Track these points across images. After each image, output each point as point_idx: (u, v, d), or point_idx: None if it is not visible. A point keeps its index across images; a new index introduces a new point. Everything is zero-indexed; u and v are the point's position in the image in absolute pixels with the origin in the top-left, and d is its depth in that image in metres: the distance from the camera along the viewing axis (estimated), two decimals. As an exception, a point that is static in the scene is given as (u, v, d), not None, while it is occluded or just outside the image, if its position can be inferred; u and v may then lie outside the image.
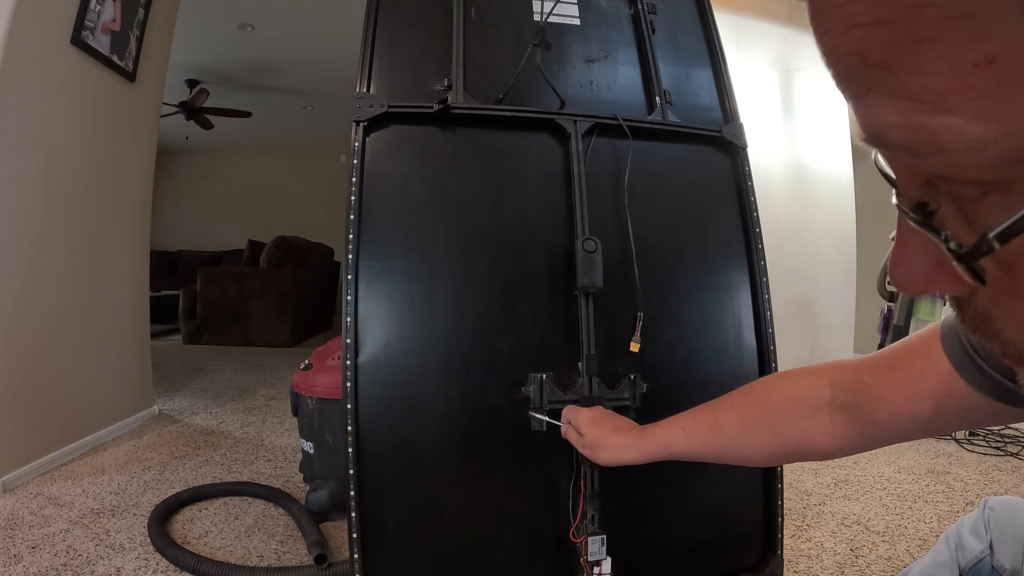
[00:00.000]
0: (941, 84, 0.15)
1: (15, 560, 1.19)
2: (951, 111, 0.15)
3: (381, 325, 0.89)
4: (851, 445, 0.54)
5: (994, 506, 0.60)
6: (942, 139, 0.16)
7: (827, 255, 2.82)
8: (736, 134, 1.09)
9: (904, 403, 0.47)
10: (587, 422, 0.78)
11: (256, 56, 4.39)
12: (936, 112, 0.16)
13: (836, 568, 1.21)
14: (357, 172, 0.91)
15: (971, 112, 0.15)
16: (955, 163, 0.16)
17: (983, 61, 0.14)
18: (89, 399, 1.98)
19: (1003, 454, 1.98)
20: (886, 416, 0.49)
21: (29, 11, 1.62)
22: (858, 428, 0.52)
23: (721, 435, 0.63)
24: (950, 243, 0.18)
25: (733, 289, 1.04)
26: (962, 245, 0.18)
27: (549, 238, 0.96)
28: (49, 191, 1.79)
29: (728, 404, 0.64)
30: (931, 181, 0.19)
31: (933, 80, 0.15)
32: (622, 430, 0.75)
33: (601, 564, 0.84)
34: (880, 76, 0.16)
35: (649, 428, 0.71)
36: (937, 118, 0.16)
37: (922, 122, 0.16)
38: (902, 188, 0.20)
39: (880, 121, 0.17)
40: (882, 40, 0.16)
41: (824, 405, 0.55)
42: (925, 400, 0.45)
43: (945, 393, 0.44)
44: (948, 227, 0.19)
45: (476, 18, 1.04)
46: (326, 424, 1.43)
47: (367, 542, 0.84)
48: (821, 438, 0.55)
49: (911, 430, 0.49)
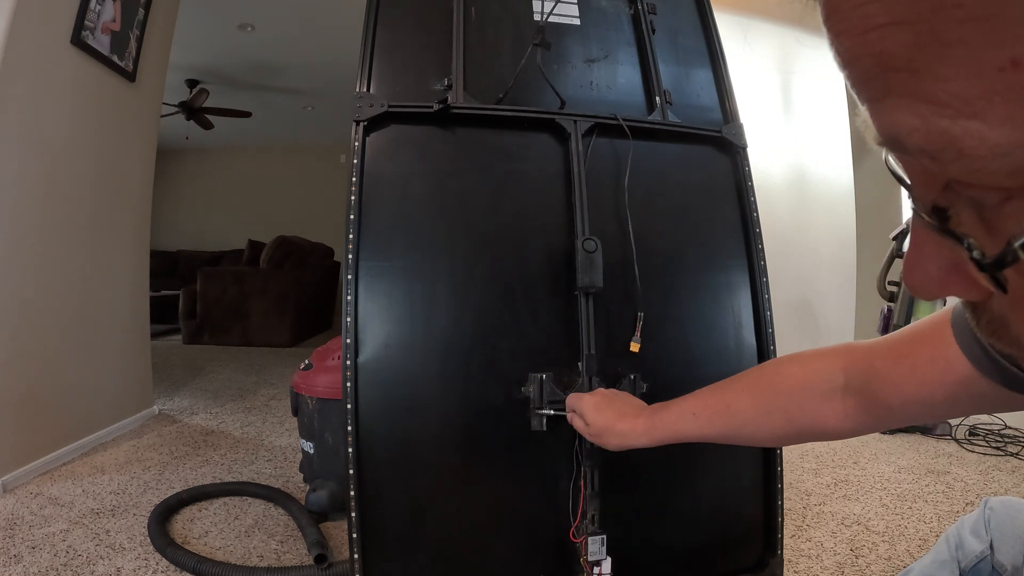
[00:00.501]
0: (965, 88, 0.15)
1: (15, 560, 1.19)
2: (975, 115, 0.15)
3: (381, 325, 0.89)
4: (862, 427, 0.55)
5: (994, 506, 0.60)
6: (965, 144, 0.15)
7: (827, 255, 2.82)
8: (736, 134, 1.09)
9: (915, 389, 0.47)
10: (591, 409, 0.76)
11: (256, 56, 4.39)
12: (959, 116, 0.15)
13: (836, 568, 1.21)
14: (357, 172, 0.91)
15: (996, 117, 0.15)
16: (978, 169, 0.16)
17: (1008, 64, 0.14)
18: (89, 399, 1.98)
19: (1003, 454, 1.98)
20: (897, 401, 0.50)
21: (29, 11, 1.62)
22: (870, 411, 0.53)
23: (733, 420, 0.63)
24: (973, 251, 0.18)
25: (733, 289, 1.04)
26: (986, 254, 0.17)
27: (549, 238, 0.96)
28: (49, 191, 1.79)
29: (739, 389, 0.64)
30: (949, 185, 0.18)
31: (957, 84, 0.15)
32: (628, 414, 0.73)
33: (601, 564, 0.84)
34: (900, 79, 0.16)
35: (658, 413, 0.70)
36: (960, 123, 0.15)
37: (944, 127, 0.16)
38: (917, 192, 0.20)
39: (900, 126, 0.17)
40: (903, 42, 0.15)
41: (837, 389, 0.55)
42: (935, 387, 0.46)
43: (955, 380, 0.44)
44: (968, 233, 0.18)
45: (476, 18, 1.04)
46: (326, 424, 1.43)
47: (367, 542, 0.84)
48: (834, 421, 0.55)
49: (921, 414, 0.51)
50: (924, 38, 0.15)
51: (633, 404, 0.77)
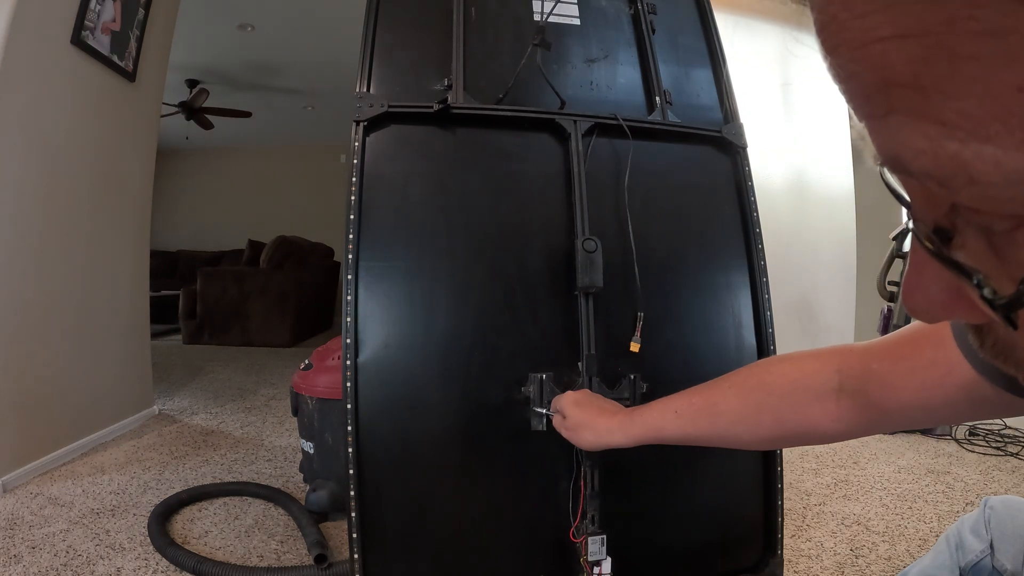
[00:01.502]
0: (979, 108, 0.13)
1: (15, 560, 1.19)
2: (988, 139, 0.13)
3: (381, 325, 0.89)
4: (857, 430, 0.53)
5: (995, 506, 0.60)
6: (977, 169, 0.14)
7: (827, 255, 2.82)
8: (736, 134, 1.09)
9: (914, 392, 0.46)
10: (570, 404, 0.76)
11: (256, 56, 4.39)
12: (972, 139, 0.14)
13: (836, 568, 1.21)
14: (357, 172, 0.91)
15: (1012, 141, 0.13)
16: (991, 197, 0.15)
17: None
18: (89, 399, 1.98)
19: (1003, 454, 1.98)
20: (895, 405, 0.48)
21: (29, 11, 1.61)
22: (865, 414, 0.51)
23: (719, 420, 0.61)
24: (984, 289, 0.16)
25: (733, 289, 1.04)
26: (997, 292, 0.16)
27: (549, 238, 0.96)
28: (49, 191, 1.78)
29: (726, 387, 0.62)
30: (955, 208, 0.17)
31: (970, 104, 0.13)
32: (608, 412, 0.72)
33: (601, 564, 0.84)
34: (905, 96, 0.14)
35: (638, 410, 0.69)
36: (972, 146, 0.14)
37: (954, 150, 0.14)
38: (919, 212, 0.18)
39: (903, 148, 0.15)
40: (909, 56, 0.14)
41: (831, 391, 0.53)
42: (935, 390, 0.44)
43: (956, 383, 0.42)
44: (976, 262, 0.17)
45: (476, 18, 1.04)
46: (326, 424, 1.43)
47: (367, 542, 0.84)
48: (826, 423, 0.53)
49: (920, 418, 0.49)
50: (933, 52, 0.13)
51: (614, 404, 0.76)
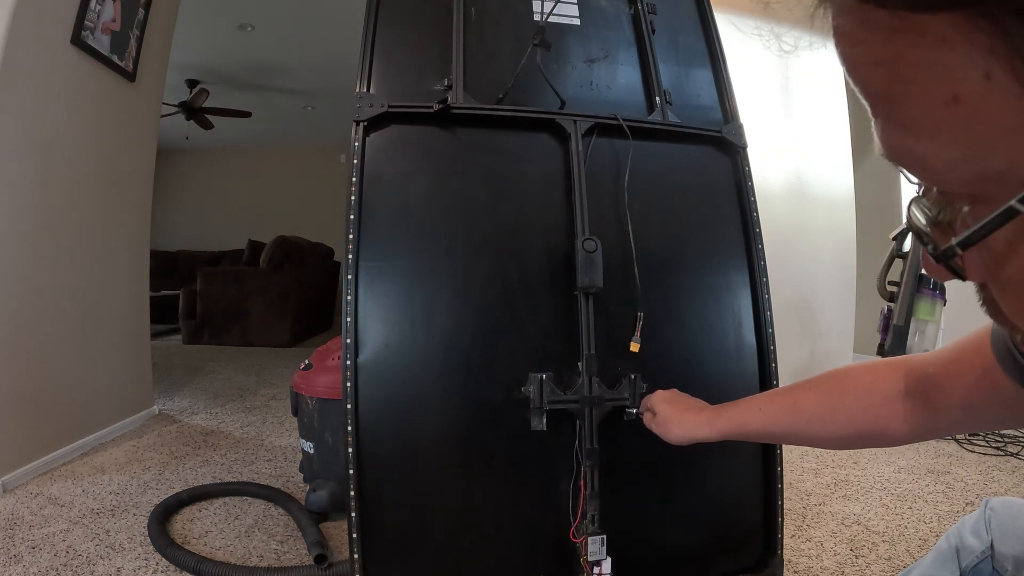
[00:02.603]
0: (922, 116, 0.19)
1: (15, 560, 1.19)
2: (931, 138, 0.19)
3: (381, 325, 0.89)
4: (920, 432, 0.56)
5: (995, 506, 0.60)
6: (927, 160, 0.20)
7: (827, 255, 2.81)
8: (736, 134, 1.09)
9: (959, 394, 0.50)
10: (660, 401, 0.82)
11: (256, 56, 4.38)
12: (922, 138, 0.20)
13: (836, 568, 1.21)
14: (357, 172, 0.91)
15: (946, 140, 0.19)
16: (941, 180, 0.21)
17: (951, 100, 0.18)
18: (89, 399, 1.98)
19: (1003, 454, 1.98)
20: (944, 405, 0.52)
21: (29, 11, 1.61)
22: (925, 416, 0.55)
23: (798, 416, 0.65)
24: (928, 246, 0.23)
25: (733, 289, 1.04)
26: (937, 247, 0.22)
27: (549, 238, 0.96)
28: (49, 191, 1.78)
29: (807, 387, 0.66)
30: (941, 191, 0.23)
31: (916, 112, 0.19)
32: (695, 408, 0.78)
33: (601, 564, 0.84)
34: (883, 105, 0.21)
35: (724, 407, 0.74)
36: (923, 143, 0.20)
37: (911, 145, 0.20)
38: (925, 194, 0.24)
39: (883, 142, 0.21)
40: (881, 77, 0.20)
41: (898, 394, 0.57)
42: (975, 392, 0.48)
43: (990, 385, 0.46)
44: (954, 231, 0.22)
45: (476, 18, 1.04)
46: (326, 424, 1.43)
47: (367, 542, 0.84)
48: (894, 425, 0.57)
49: (965, 420, 0.53)
50: (893, 75, 0.19)
51: (700, 403, 0.81)
